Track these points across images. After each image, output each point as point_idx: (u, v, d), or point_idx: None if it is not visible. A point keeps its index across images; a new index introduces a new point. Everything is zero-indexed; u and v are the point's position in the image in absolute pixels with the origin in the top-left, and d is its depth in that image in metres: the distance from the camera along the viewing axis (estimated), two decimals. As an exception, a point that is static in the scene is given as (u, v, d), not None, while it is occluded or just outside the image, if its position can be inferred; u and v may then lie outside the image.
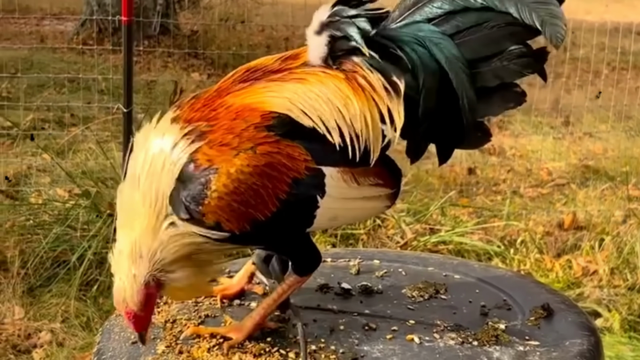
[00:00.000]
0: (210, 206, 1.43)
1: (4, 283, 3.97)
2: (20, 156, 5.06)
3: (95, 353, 1.58)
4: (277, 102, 1.51)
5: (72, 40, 7.72)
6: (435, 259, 2.03)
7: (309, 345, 1.55)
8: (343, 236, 4.47)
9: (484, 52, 1.55)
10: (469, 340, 1.59)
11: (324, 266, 1.90)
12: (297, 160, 1.48)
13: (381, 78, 1.54)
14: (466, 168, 5.61)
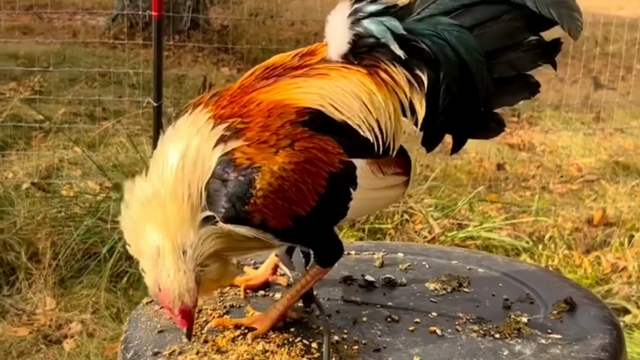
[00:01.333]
0: (256, 205, 1.44)
1: (36, 274, 4.03)
2: (53, 149, 5.12)
3: (123, 341, 1.61)
4: (308, 97, 1.53)
5: (104, 35, 7.79)
6: (459, 252, 2.04)
7: (331, 336, 1.57)
8: (371, 230, 4.49)
9: (500, 44, 1.59)
10: (490, 332, 1.60)
11: (348, 259, 1.93)
12: (332, 154, 1.51)
13: (404, 71, 1.57)
14: (495, 164, 5.59)
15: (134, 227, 1.50)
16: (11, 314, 3.82)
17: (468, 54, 1.57)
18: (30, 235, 4.20)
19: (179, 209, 1.45)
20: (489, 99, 1.60)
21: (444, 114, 1.59)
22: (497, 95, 1.60)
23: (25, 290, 3.99)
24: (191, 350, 1.52)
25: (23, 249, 4.11)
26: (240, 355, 1.49)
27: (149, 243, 1.47)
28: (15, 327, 3.73)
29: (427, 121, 1.59)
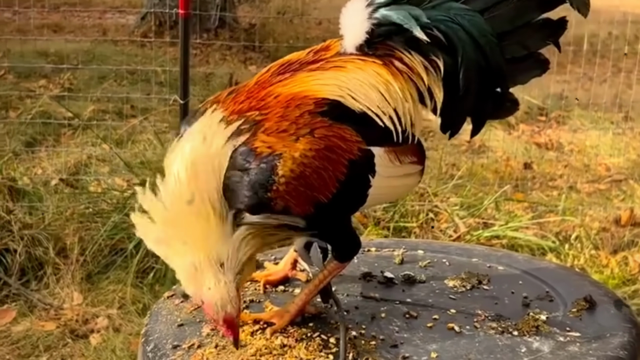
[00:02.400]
0: (279, 192, 1.45)
1: (64, 269, 4.07)
2: (81, 146, 5.17)
3: (143, 335, 1.63)
4: (326, 89, 1.55)
5: (133, 33, 7.85)
6: (480, 250, 2.04)
7: (349, 331, 1.58)
8: (395, 229, 4.48)
9: (511, 25, 1.63)
10: (509, 330, 1.60)
11: (368, 255, 1.94)
12: (350, 142, 1.52)
13: (420, 59, 1.60)
14: (522, 163, 5.57)
15: (164, 243, 1.49)
16: (39, 309, 3.86)
17: (482, 36, 1.60)
18: (58, 231, 4.24)
19: (206, 224, 1.46)
20: (504, 79, 1.64)
21: (462, 98, 1.61)
22: (510, 74, 1.64)
23: (53, 285, 4.03)
24: (210, 344, 1.53)
25: (51, 244, 4.15)
26: (258, 349, 1.50)
27: (185, 260, 1.47)
28: (42, 321, 3.76)
29: (445, 107, 1.62)
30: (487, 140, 5.91)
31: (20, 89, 6.23)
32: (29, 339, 3.60)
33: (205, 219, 1.45)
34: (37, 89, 6.29)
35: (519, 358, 1.51)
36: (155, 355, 1.53)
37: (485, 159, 5.51)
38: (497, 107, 1.67)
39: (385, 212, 4.53)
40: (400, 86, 1.58)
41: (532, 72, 1.67)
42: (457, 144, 5.94)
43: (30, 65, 6.50)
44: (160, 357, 1.52)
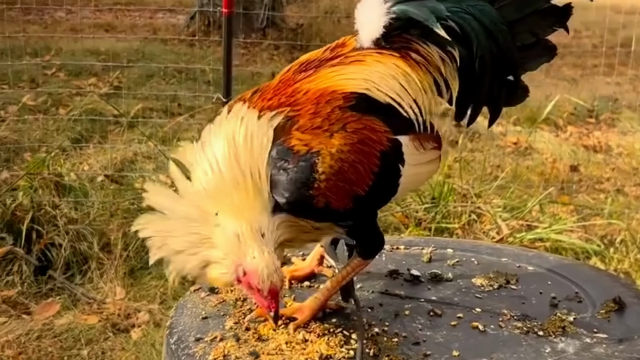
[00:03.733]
0: (320, 189, 1.46)
1: (107, 264, 4.12)
2: (127, 143, 5.23)
3: (168, 327, 1.65)
4: (352, 83, 1.57)
5: (183, 33, 7.92)
6: (510, 250, 2.02)
7: (371, 328, 1.57)
8: (437, 230, 4.46)
9: (520, 13, 1.66)
10: (534, 330, 1.59)
11: (396, 253, 1.94)
12: (380, 133, 1.54)
13: (437, 50, 1.63)
14: (569, 165, 5.50)
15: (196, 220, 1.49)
16: (82, 302, 3.91)
17: (494, 26, 1.64)
18: (102, 226, 4.30)
19: (246, 196, 1.46)
20: (515, 66, 1.67)
21: (478, 87, 1.65)
22: (521, 62, 1.68)
23: (96, 280, 4.08)
24: (232, 337, 1.54)
25: (95, 239, 4.20)
26: (279, 343, 1.51)
27: (227, 231, 1.46)
28: (85, 315, 3.81)
29: (461, 96, 1.66)
30: (534, 142, 5.85)
31: (70, 87, 6.32)
32: (71, 332, 3.65)
33: (248, 192, 1.46)
34: (87, 86, 6.38)
35: (542, 358, 1.50)
36: (178, 347, 1.54)
37: (531, 160, 5.45)
38: (509, 95, 1.70)
39: (427, 213, 4.51)
40: (419, 77, 1.62)
41: (541, 59, 1.70)
42: (502, 145, 5.89)
43: (81, 63, 6.59)
44: (182, 350, 1.53)
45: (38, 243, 4.10)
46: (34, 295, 3.95)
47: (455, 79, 1.65)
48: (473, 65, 1.63)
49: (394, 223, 4.48)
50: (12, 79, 6.62)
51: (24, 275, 4.02)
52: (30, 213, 4.16)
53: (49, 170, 4.49)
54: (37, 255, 4.09)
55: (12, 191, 4.34)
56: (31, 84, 6.49)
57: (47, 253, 4.10)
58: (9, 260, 4.07)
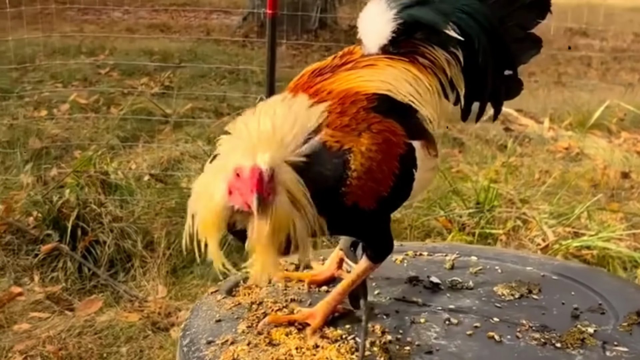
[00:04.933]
0: (352, 186, 1.47)
1: (150, 262, 4.16)
2: (175, 143, 5.28)
3: (182, 329, 1.65)
4: (372, 84, 1.58)
5: (235, 33, 7.97)
6: (535, 258, 1.98)
7: (385, 335, 1.56)
8: (481, 235, 4.40)
9: (509, 9, 1.70)
10: (552, 341, 1.55)
11: (419, 259, 1.92)
12: (399, 136, 1.55)
13: (442, 52, 1.64)
14: (620, 172, 5.39)
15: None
16: (124, 300, 3.94)
17: (489, 23, 1.66)
18: (147, 225, 4.34)
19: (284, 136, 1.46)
20: (512, 60, 1.70)
21: (482, 84, 1.67)
22: (515, 56, 1.71)
23: (139, 278, 4.11)
24: (243, 341, 1.54)
25: (139, 237, 4.24)
26: (289, 349, 1.50)
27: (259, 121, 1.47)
28: (126, 312, 3.84)
29: (466, 95, 1.67)
30: (585, 148, 5.75)
31: (123, 86, 6.40)
32: (112, 329, 3.69)
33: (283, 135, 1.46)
34: (139, 86, 6.45)
35: (558, 371, 1.46)
36: (189, 349, 1.55)
37: (581, 166, 5.36)
38: (508, 89, 1.73)
39: (471, 218, 4.45)
40: (428, 81, 1.63)
41: (531, 52, 1.74)
42: (553, 150, 5.80)
43: (134, 63, 6.67)
44: (193, 352, 1.53)
45: (83, 240, 4.16)
46: (78, 291, 4.00)
47: (460, 79, 1.66)
48: (476, 63, 1.65)
49: (437, 227, 4.44)
50: (66, 78, 6.75)
51: (69, 272, 4.07)
52: (76, 210, 4.22)
53: (96, 168, 4.55)
54: (81, 252, 4.15)
55: (60, 188, 4.41)
56: (84, 82, 6.60)
57: (91, 250, 4.16)
58: (54, 256, 4.13)
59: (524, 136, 5.80)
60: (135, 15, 7.70)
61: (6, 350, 3.47)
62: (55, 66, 6.80)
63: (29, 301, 3.86)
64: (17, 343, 3.49)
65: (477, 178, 4.97)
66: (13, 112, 5.86)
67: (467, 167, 5.36)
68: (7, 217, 4.29)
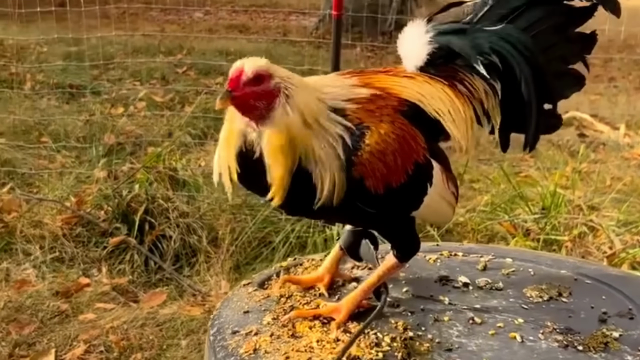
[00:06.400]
0: (361, 159, 1.50)
1: (214, 258, 4.24)
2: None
3: (212, 319, 1.70)
4: (406, 91, 1.61)
5: (311, 35, 8.03)
6: (571, 262, 1.96)
7: (406, 332, 1.57)
8: (546, 241, 4.35)
9: (552, 41, 1.69)
10: (574, 344, 1.54)
11: (452, 259, 1.92)
12: (420, 146, 1.57)
13: (481, 82, 1.67)
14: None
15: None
16: (188, 294, 4.03)
17: (530, 53, 1.66)
18: (212, 221, 4.42)
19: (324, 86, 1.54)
20: (554, 94, 1.70)
21: (519, 117, 1.67)
22: (557, 90, 1.71)
23: (203, 273, 4.20)
24: (267, 332, 1.57)
25: (205, 233, 4.33)
26: (311, 341, 1.53)
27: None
28: (189, 306, 3.93)
29: (504, 125, 1.70)
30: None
31: (198, 85, 6.52)
32: (173, 322, 3.77)
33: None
34: (214, 85, 6.56)
35: (576, 373, 1.46)
36: (215, 338, 1.59)
37: (654, 173, 5.24)
38: (547, 123, 1.72)
39: (536, 223, 4.41)
40: (462, 107, 1.65)
41: (573, 87, 1.74)
42: (628, 157, 5.69)
43: (210, 62, 6.78)
44: (219, 341, 1.57)
45: (150, 234, 4.27)
46: (143, 284, 4.11)
47: (497, 110, 1.68)
48: (514, 94, 1.66)
49: (500, 232, 4.41)
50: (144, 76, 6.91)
51: (135, 265, 4.19)
52: (145, 205, 4.34)
53: (165, 164, 4.66)
54: (148, 246, 4.26)
55: (130, 183, 4.53)
56: (162, 81, 6.74)
57: (158, 244, 4.26)
58: (122, 249, 4.26)
59: (598, 142, 5.70)
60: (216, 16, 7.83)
61: (71, 339, 3.58)
62: (135, 64, 6.97)
63: (95, 292, 3.98)
64: (82, 332, 3.60)
65: (546, 183, 4.90)
66: (91, 108, 6.04)
67: (537, 172, 5.30)
68: (79, 210, 4.43)
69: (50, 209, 4.46)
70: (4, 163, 4.96)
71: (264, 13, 8.95)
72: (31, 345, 3.53)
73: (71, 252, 4.24)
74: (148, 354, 3.52)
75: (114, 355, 3.47)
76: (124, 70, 7.05)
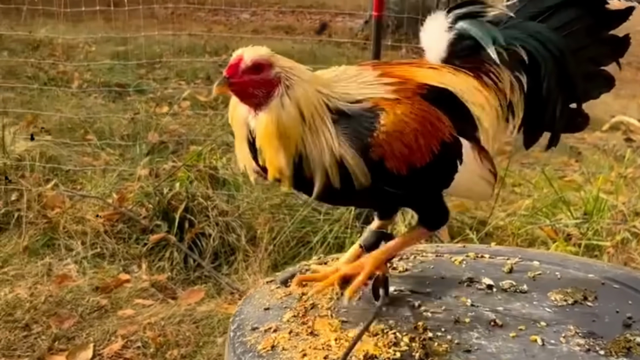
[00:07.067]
0: (378, 139, 1.49)
1: (253, 257, 4.26)
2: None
3: (234, 315, 1.71)
4: (431, 78, 1.61)
5: (357, 36, 8.03)
6: (599, 266, 1.93)
7: (426, 332, 1.56)
8: (588, 247, 4.29)
9: (584, 42, 1.69)
10: (596, 348, 1.52)
11: (478, 261, 1.91)
12: (444, 125, 1.57)
13: (508, 74, 1.66)
14: None
15: None
16: (226, 292, 4.06)
17: (560, 53, 1.66)
18: (251, 220, 4.44)
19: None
20: (579, 94, 1.70)
21: (542, 114, 1.68)
22: (584, 90, 1.70)
23: (241, 271, 4.22)
24: (286, 329, 1.58)
25: (243, 232, 4.36)
26: (329, 339, 1.53)
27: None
28: (226, 304, 3.95)
29: (525, 123, 1.69)
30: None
31: (242, 85, 6.56)
32: (210, 319, 3.80)
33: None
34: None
35: (596, 378, 1.44)
36: (235, 334, 1.60)
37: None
38: (571, 122, 1.73)
39: (577, 228, 4.35)
40: (488, 99, 1.64)
41: (602, 88, 1.73)
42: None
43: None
44: (238, 337, 1.58)
45: (190, 232, 4.31)
46: (182, 281, 4.14)
47: (521, 105, 1.68)
48: (540, 91, 1.66)
49: (541, 237, 4.36)
50: (190, 76, 6.97)
51: (175, 262, 4.23)
52: (185, 203, 4.38)
53: (205, 163, 4.70)
54: (188, 243, 4.29)
55: (171, 181, 4.57)
56: (206, 80, 6.80)
57: (197, 242, 4.30)
58: (162, 246, 4.30)
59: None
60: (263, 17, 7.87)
61: (109, 334, 3.63)
62: (181, 64, 7.03)
63: (135, 288, 4.03)
64: (120, 328, 3.65)
65: (589, 188, 4.84)
66: (136, 107, 6.11)
67: (581, 176, 5.24)
68: (120, 207, 4.48)
69: (93, 206, 4.53)
70: (49, 160, 5.04)
71: (311, 14, 8.97)
72: (70, 339, 3.59)
73: (112, 249, 4.29)
74: (184, 351, 3.55)
75: (150, 351, 3.50)
76: (169, 69, 7.12)
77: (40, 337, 3.55)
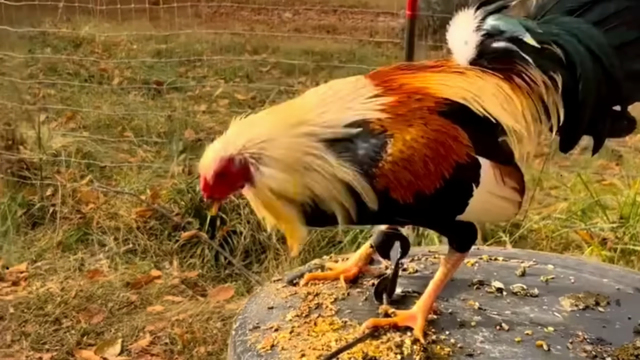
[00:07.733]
0: (384, 169, 1.45)
1: (283, 255, 4.25)
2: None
3: (239, 312, 1.70)
4: (449, 90, 1.53)
5: (397, 36, 7.99)
6: (616, 271, 1.89)
7: (430, 335, 1.54)
8: (624, 252, 4.21)
9: (627, 37, 1.56)
10: (603, 355, 1.49)
11: (491, 264, 1.88)
12: (461, 145, 1.50)
13: (540, 74, 1.55)
14: None
15: None
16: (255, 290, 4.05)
17: (600, 49, 1.55)
18: (282, 218, 4.43)
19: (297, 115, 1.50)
20: (622, 95, 1.58)
21: (581, 115, 1.56)
22: (629, 90, 1.58)
23: (272, 270, 4.21)
24: (287, 329, 1.56)
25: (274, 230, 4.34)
26: (329, 340, 1.52)
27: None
28: (254, 302, 3.95)
29: (564, 124, 1.58)
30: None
31: (280, 84, 6.56)
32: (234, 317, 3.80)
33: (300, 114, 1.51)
34: (296, 84, 6.58)
35: (601, 386, 1.40)
36: (237, 333, 1.59)
37: None
38: (615, 126, 1.61)
39: (613, 232, 4.27)
40: (520, 102, 1.55)
41: None
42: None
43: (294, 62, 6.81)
44: (239, 336, 1.58)
45: (221, 229, 4.31)
46: (212, 279, 4.16)
47: (559, 107, 1.57)
48: (576, 91, 1.55)
49: (575, 240, 4.29)
50: (229, 74, 7.00)
51: (205, 259, 4.24)
52: (217, 200, 4.38)
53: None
54: (219, 241, 4.30)
55: (204, 179, 4.58)
56: (245, 79, 6.81)
57: (228, 240, 4.31)
58: (193, 243, 4.32)
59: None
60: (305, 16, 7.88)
61: (138, 330, 3.65)
62: (221, 62, 7.06)
63: (165, 285, 4.05)
64: (148, 324, 3.67)
65: (628, 192, 4.75)
66: (174, 105, 6.15)
67: (620, 180, 5.14)
68: (153, 204, 4.51)
69: (126, 202, 4.56)
70: (85, 156, 5.09)
71: (353, 14, 8.95)
72: (99, 334, 3.62)
73: (144, 245, 4.32)
74: (211, 348, 3.55)
75: (178, 347, 3.52)
76: (209, 67, 7.15)
77: (70, 332, 3.59)
